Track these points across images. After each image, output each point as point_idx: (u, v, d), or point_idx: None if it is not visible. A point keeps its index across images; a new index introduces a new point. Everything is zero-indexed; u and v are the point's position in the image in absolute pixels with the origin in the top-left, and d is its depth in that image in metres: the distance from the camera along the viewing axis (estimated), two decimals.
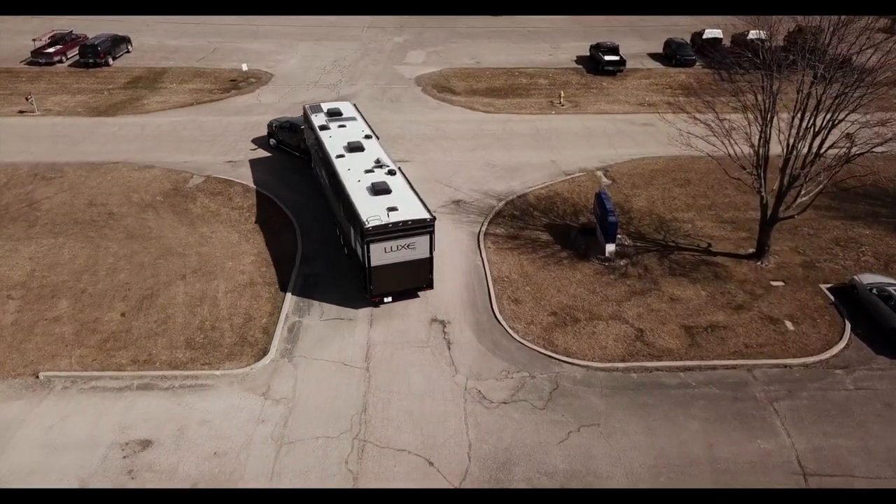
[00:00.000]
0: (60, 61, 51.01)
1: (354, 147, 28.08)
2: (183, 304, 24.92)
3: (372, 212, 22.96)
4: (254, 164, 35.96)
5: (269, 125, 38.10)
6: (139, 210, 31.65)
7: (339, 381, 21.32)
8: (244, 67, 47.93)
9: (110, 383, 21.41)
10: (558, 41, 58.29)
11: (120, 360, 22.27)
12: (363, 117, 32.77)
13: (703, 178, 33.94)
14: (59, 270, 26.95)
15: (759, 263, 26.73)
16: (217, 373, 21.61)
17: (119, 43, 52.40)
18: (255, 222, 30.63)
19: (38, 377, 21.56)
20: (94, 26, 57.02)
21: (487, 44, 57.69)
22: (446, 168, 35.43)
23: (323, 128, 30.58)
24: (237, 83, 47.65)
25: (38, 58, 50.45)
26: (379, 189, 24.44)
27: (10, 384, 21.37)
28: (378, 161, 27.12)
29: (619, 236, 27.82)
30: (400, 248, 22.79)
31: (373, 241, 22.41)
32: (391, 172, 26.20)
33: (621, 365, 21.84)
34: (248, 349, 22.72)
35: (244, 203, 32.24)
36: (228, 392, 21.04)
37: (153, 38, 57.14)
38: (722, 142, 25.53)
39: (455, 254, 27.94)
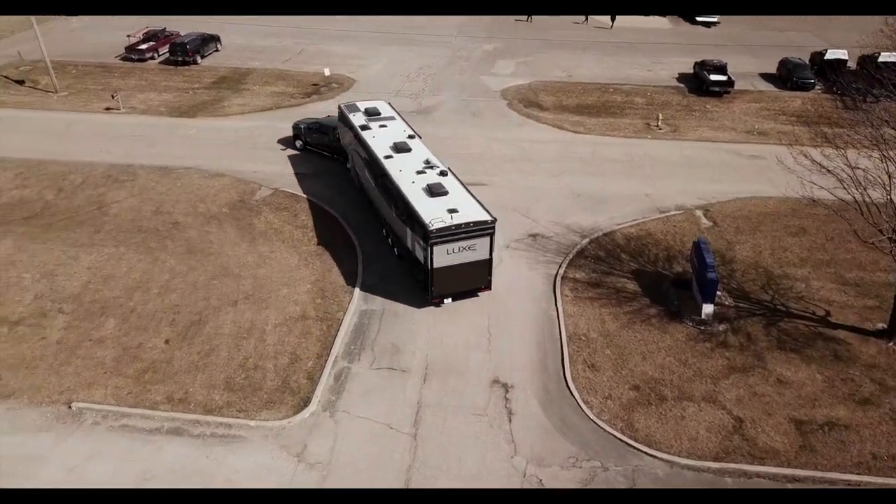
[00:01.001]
0: (152, 58, 51.02)
1: (401, 147, 27.82)
2: (229, 336, 23.02)
3: (434, 214, 22.74)
4: (322, 177, 34.02)
5: (296, 126, 36.82)
6: (203, 221, 30.21)
7: (382, 449, 18.74)
8: (326, 72, 46.29)
9: (141, 423, 19.66)
10: (658, 56, 53.83)
11: (155, 395, 20.53)
12: (401, 116, 32.32)
13: (821, 228, 29.35)
14: (112, 284, 25.67)
15: (891, 344, 22.28)
16: (251, 423, 19.49)
17: (208, 42, 51.96)
18: (318, 244, 28.55)
19: (70, 407, 20.10)
20: (187, 24, 57.05)
21: (581, 55, 53.94)
22: (526, 195, 32.31)
23: (364, 128, 30.05)
24: (319, 88, 46.07)
25: (132, 54, 50.62)
26: (436, 191, 24.27)
27: (42, 412, 19.99)
28: (427, 162, 26.86)
29: (718, 293, 23.98)
30: (462, 249, 22.72)
31: (436, 244, 22.25)
32: (443, 173, 25.97)
33: (714, 465, 18.21)
34: (289, 397, 20.49)
35: (309, 221, 30.25)
36: (261, 447, 18.85)
37: (242, 37, 56.57)
38: (851, 194, 21.20)
39: (527, 300, 24.86)
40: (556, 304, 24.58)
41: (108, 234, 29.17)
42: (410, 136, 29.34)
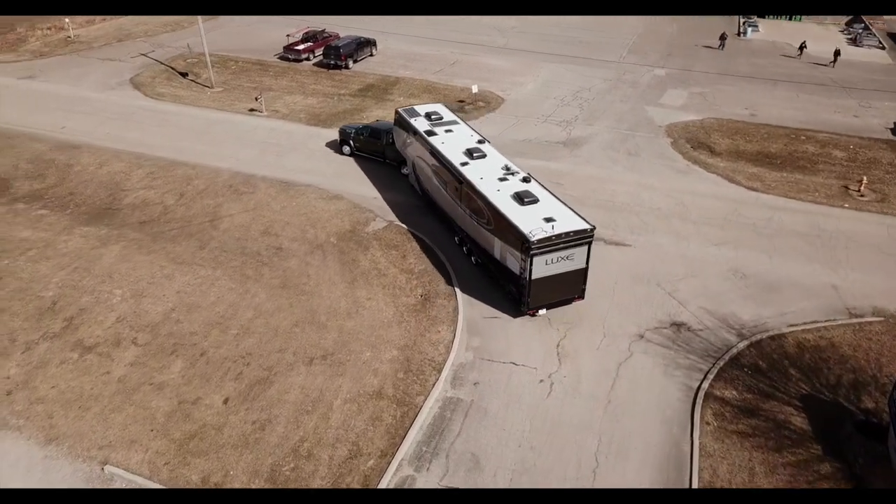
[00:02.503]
0: (307, 59, 49.97)
1: (476, 153, 26.96)
2: (292, 406, 19.73)
3: (531, 224, 21.89)
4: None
5: (343, 131, 35.40)
6: (308, 250, 27.44)
7: None
8: (474, 89, 42.34)
9: None
10: (870, 98, 44.30)
11: (191, 473, 17.63)
12: (462, 119, 31.51)
13: None
14: (194, 317, 23.42)
15: None
16: None
17: (363, 46, 50.01)
18: (420, 296, 24.64)
19: (103, 469, 17.71)
20: (347, 25, 55.77)
21: (770, 90, 45.71)
22: (675, 266, 26.33)
23: (430, 133, 28.95)
24: (463, 105, 42.26)
25: (288, 53, 49.89)
26: (526, 198, 23.40)
27: (75, 468, 17.82)
28: (507, 168, 26.02)
29: None
30: (560, 259, 21.96)
31: (537, 254, 21.40)
32: (525, 179, 25.11)
33: None
34: None
35: (417, 266, 26.45)
36: None
37: (400, 42, 54.22)
38: None
39: (654, 421, 19.28)
40: (691, 435, 18.78)
41: (210, 252, 27.22)
42: (480, 141, 28.44)
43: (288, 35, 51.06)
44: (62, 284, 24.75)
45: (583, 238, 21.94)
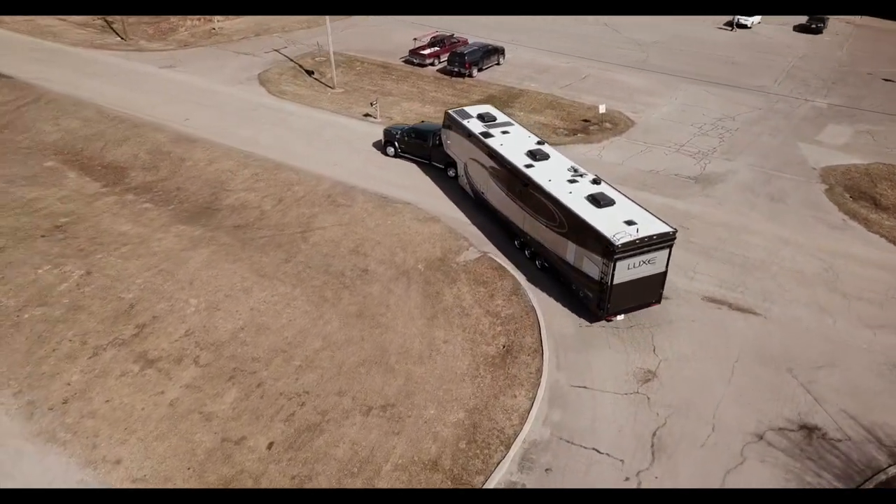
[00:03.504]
0: (432, 64, 48.15)
1: (539, 155, 26.26)
2: (338, 463, 17.59)
3: (612, 227, 21.26)
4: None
5: (388, 132, 34.39)
6: (393, 276, 25.37)
7: None
8: (601, 109, 38.53)
9: None
10: None
11: None
12: (514, 120, 30.37)
13: None
14: (261, 340, 21.95)
15: None
16: None
17: (490, 54, 47.44)
18: (502, 347, 21.78)
19: None
20: (477, 31, 53.45)
21: None
22: (813, 348, 21.66)
23: (486, 135, 28.10)
24: (588, 126, 38.62)
25: (413, 57, 48.35)
26: (602, 201, 22.75)
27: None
28: (574, 169, 25.36)
29: None
30: (642, 263, 21.30)
31: (621, 258, 20.73)
32: (596, 181, 24.45)
33: None
34: None
35: (505, 310, 23.57)
36: None
37: (530, 52, 51.13)
38: None
39: None
40: None
41: (294, 266, 25.82)
42: (540, 143, 27.78)
43: (414, 39, 49.50)
44: (144, 287, 24.19)
45: (665, 241, 21.31)
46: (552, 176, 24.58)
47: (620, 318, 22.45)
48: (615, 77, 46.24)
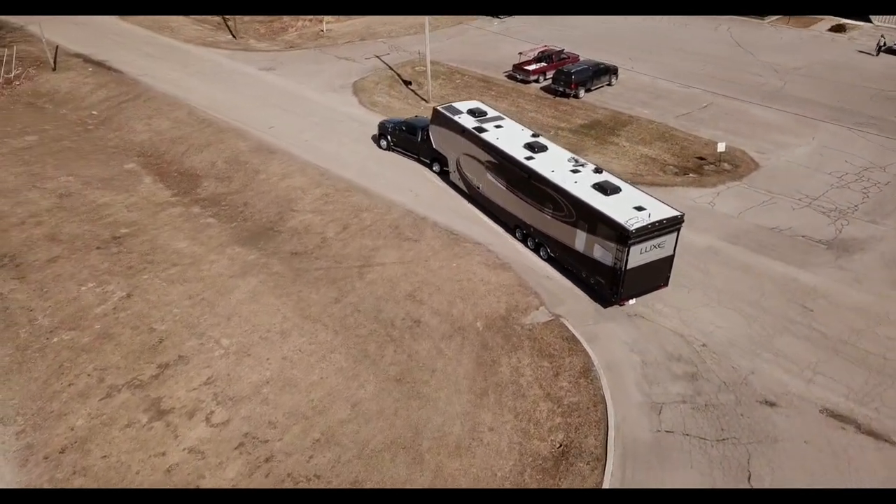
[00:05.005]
0: (537, 81, 44.27)
1: (537, 147, 26.47)
2: None
3: (624, 213, 21.60)
4: (628, 325, 22.64)
5: (382, 125, 34.24)
6: (446, 333, 22.18)
7: None
8: (721, 147, 33.23)
9: None
10: None
11: None
12: (505, 115, 30.29)
13: None
14: (283, 400, 19.42)
15: None
16: None
17: (601, 74, 42.90)
18: (558, 446, 17.98)
19: None
20: (592, 46, 48.88)
21: None
22: None
23: (480, 130, 27.97)
24: (702, 166, 33.50)
25: (517, 73, 44.70)
26: (609, 189, 23.15)
27: None
28: (574, 160, 25.70)
29: None
30: (652, 248, 21.71)
31: (634, 243, 21.03)
32: (598, 170, 24.85)
33: None
34: None
35: (570, 396, 19.74)
36: None
37: (647, 72, 45.96)
38: None
39: None
40: None
41: (343, 308, 23.22)
42: (535, 135, 27.85)
43: (520, 53, 45.75)
44: (179, 318, 22.37)
45: (674, 225, 21.86)
46: (554, 167, 24.81)
47: (632, 302, 22.69)
48: (742, 108, 40.38)
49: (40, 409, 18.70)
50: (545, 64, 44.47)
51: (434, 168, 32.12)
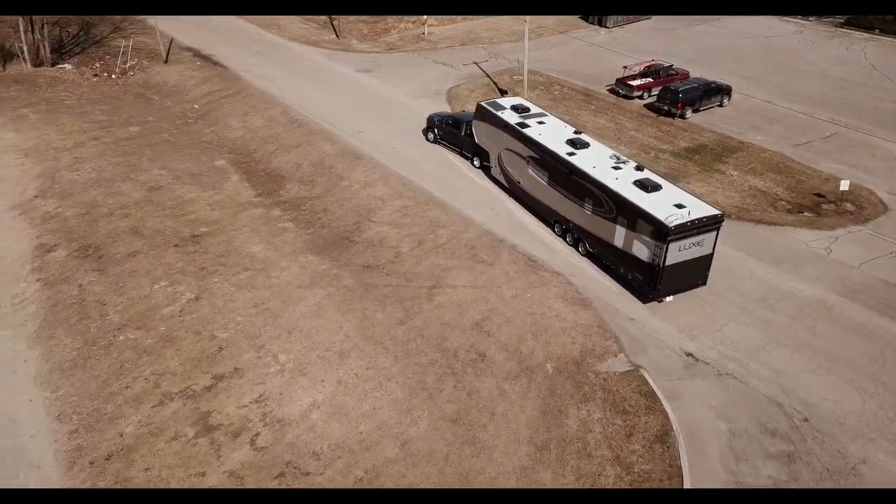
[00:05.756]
0: (640, 97, 41.49)
1: (579, 144, 26.50)
2: None
3: (664, 210, 21.66)
4: (717, 385, 20.10)
5: (430, 119, 34.89)
6: (513, 371, 20.59)
7: None
8: (844, 185, 29.49)
9: None
10: None
11: None
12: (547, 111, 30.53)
13: None
14: (331, 429, 18.42)
15: None
16: None
17: (712, 94, 39.63)
18: None
19: None
20: (706, 63, 45.37)
21: None
22: None
23: (522, 125, 28.21)
24: (820, 203, 29.95)
25: (619, 87, 42.08)
26: (649, 186, 23.24)
27: None
28: (616, 157, 25.64)
29: None
30: (691, 245, 21.81)
31: (673, 240, 21.18)
32: (639, 168, 24.83)
33: None
34: None
35: (642, 462, 17.62)
36: None
37: (765, 93, 42.04)
38: None
39: None
40: None
41: (407, 332, 22.09)
42: (577, 132, 27.94)
43: (624, 67, 43.00)
44: (241, 327, 21.90)
45: (714, 224, 21.96)
46: (596, 163, 24.90)
47: (669, 299, 22.64)
48: (873, 141, 36.00)
49: (95, 409, 18.59)
50: (651, 80, 41.59)
51: (474, 163, 32.45)
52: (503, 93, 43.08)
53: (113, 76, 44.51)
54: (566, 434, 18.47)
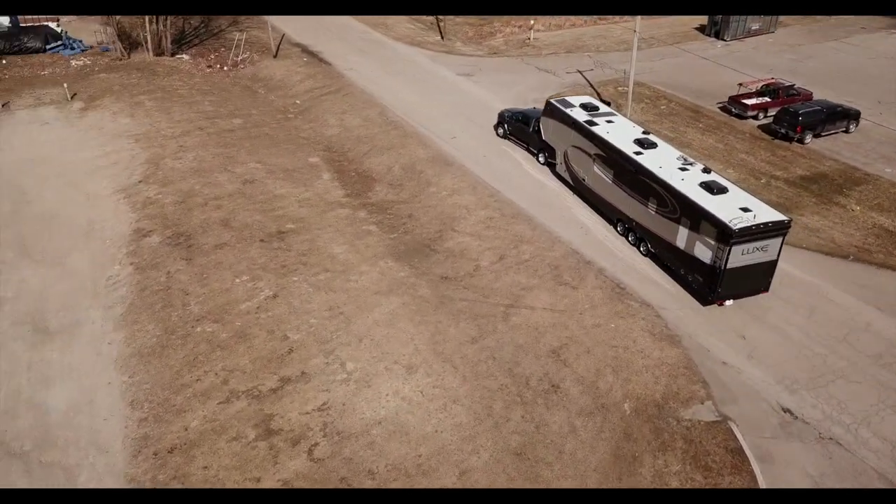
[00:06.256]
0: (755, 118, 38.52)
1: (647, 143, 26.41)
2: None
3: (729, 213, 21.60)
4: (818, 450, 17.90)
5: (501, 114, 35.45)
6: (587, 408, 19.35)
7: None
8: None
9: None
10: None
11: None
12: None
13: None
14: (390, 448, 17.80)
15: None
16: None
17: (837, 118, 36.20)
18: None
19: None
20: (833, 85, 41.54)
21: None
22: None
23: (591, 123, 28.29)
24: None
25: (733, 105, 39.24)
26: (715, 188, 23.09)
27: None
28: (684, 158, 25.65)
29: None
30: (755, 250, 21.62)
31: (737, 243, 21.13)
32: (706, 170, 24.73)
33: None
34: None
35: None
36: None
37: None
38: None
39: None
40: None
41: (479, 351, 21.20)
42: (645, 132, 27.90)
43: (740, 84, 40.01)
44: (313, 330, 21.72)
45: (780, 230, 21.71)
46: (662, 163, 24.90)
47: (729, 303, 22.61)
48: None
49: (166, 399, 18.86)
50: (768, 99, 38.50)
51: (539, 159, 32.81)
52: (606, 105, 41.18)
53: (225, 68, 46.20)
54: (638, 485, 16.94)
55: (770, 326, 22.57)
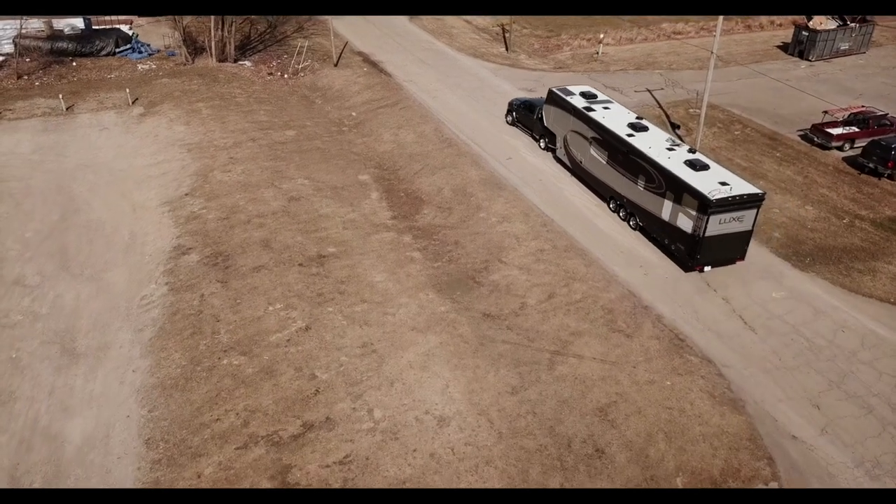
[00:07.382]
0: (840, 149, 35.11)
1: (639, 127, 28.43)
2: None
3: (708, 186, 23.53)
4: None
5: (511, 102, 37.16)
6: (633, 479, 17.24)
7: None
8: None
9: None
10: None
11: None
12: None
13: None
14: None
15: None
16: None
17: None
18: None
19: None
20: None
21: None
22: None
23: (588, 109, 30.31)
24: None
25: (815, 134, 35.92)
26: (698, 165, 25.13)
27: None
28: (671, 140, 27.55)
29: None
30: (731, 220, 23.54)
31: (714, 213, 23.05)
32: (692, 151, 26.62)
33: None
34: None
35: None
36: None
37: None
38: None
39: None
40: None
41: (518, 405, 19.42)
42: (639, 118, 29.67)
43: (825, 112, 36.56)
44: (343, 369, 20.36)
45: (754, 202, 23.54)
46: (652, 144, 26.76)
47: (708, 269, 24.31)
48: None
49: (182, 440, 17.82)
50: (856, 129, 35.03)
51: (540, 144, 34.61)
52: (675, 127, 38.57)
53: (285, 76, 45.69)
54: None
55: (848, 394, 19.90)
